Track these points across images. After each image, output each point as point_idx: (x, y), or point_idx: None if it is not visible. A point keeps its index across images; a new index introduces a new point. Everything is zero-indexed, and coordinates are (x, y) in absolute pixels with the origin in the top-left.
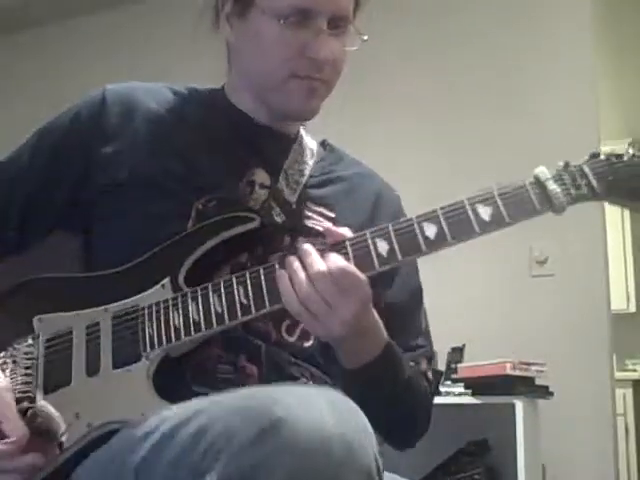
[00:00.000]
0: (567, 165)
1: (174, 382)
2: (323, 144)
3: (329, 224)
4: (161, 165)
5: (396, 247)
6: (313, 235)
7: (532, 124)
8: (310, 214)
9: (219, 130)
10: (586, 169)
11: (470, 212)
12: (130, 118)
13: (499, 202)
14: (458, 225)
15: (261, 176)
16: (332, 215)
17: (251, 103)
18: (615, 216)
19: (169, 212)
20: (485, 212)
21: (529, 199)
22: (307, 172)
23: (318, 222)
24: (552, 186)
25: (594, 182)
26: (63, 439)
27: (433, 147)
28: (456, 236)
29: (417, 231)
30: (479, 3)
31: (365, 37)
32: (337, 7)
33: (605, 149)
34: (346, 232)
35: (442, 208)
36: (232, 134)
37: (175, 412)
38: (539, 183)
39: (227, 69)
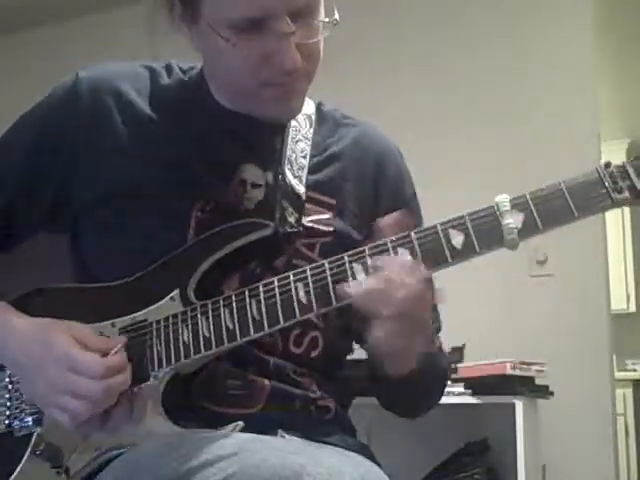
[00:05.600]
0: (608, 166)
1: (181, 398)
2: (318, 108)
3: (328, 215)
4: (150, 173)
5: (419, 254)
6: (311, 236)
7: (532, 124)
8: (311, 206)
9: (203, 125)
10: (629, 169)
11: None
12: (110, 114)
13: (532, 208)
14: (487, 234)
15: (252, 173)
16: (333, 202)
17: (229, 100)
18: (615, 216)
19: (167, 223)
20: (517, 220)
21: (564, 204)
22: (308, 150)
23: (319, 213)
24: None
25: (638, 183)
26: (69, 463)
27: (432, 148)
28: (483, 246)
29: (443, 240)
30: (480, 4)
31: (337, 17)
32: (292, 0)
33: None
34: None
35: (470, 215)
36: (218, 129)
37: (198, 453)
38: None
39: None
